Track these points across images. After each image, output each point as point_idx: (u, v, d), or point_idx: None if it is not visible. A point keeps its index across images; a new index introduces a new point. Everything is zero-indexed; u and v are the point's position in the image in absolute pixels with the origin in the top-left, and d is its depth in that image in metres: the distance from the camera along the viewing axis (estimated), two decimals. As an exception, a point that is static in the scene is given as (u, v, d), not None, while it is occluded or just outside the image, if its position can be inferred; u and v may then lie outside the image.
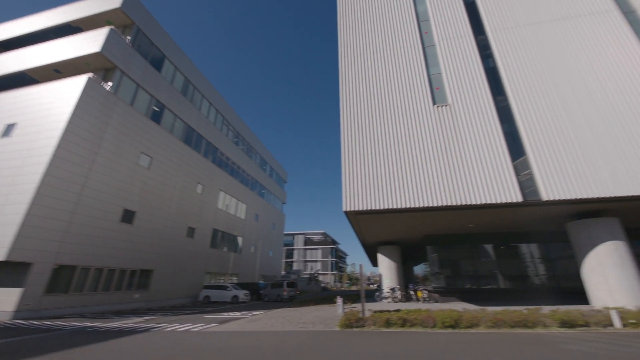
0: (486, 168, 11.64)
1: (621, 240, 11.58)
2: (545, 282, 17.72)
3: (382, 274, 20.72)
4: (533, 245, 18.52)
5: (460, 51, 14.23)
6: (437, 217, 13.91)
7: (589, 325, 8.39)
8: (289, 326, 10.19)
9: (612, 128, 11.35)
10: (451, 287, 17.97)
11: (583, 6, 13.89)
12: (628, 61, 12.33)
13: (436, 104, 13.34)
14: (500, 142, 11.96)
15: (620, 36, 12.86)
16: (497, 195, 11.20)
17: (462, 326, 8.60)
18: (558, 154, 11.39)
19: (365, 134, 13.30)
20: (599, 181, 10.69)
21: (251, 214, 36.19)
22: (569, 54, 13.04)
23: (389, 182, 12.20)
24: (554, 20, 13.87)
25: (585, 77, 12.43)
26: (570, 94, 12.26)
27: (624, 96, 11.74)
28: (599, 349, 6.22)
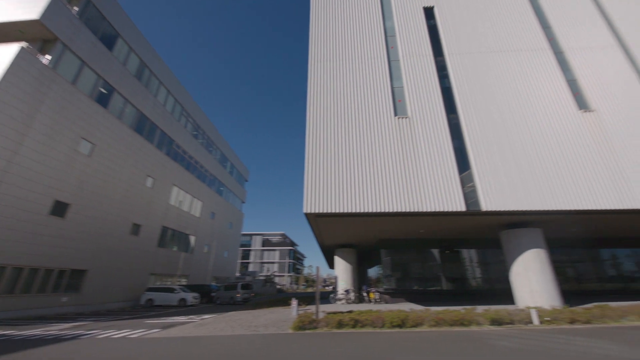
0: (438, 179, 12.61)
1: (542, 249, 13.37)
2: (481, 284, 19.70)
3: (338, 276, 21.14)
4: (472, 250, 20.49)
5: (421, 69, 15.28)
6: (392, 222, 14.65)
7: (514, 323, 9.51)
8: (240, 330, 9.85)
9: (540, 150, 13.10)
10: (401, 288, 19.02)
11: (524, 42, 15.88)
12: (555, 94, 14.38)
13: (397, 115, 14.11)
14: (451, 156, 13.07)
15: (551, 72, 14.96)
16: (446, 204, 12.19)
17: (408, 325, 9.14)
18: (496, 170, 12.79)
19: (330, 138, 13.53)
20: (528, 196, 12.24)
21: (207, 212, 34.38)
22: (510, 81, 14.78)
23: (350, 187, 12.54)
24: (501, 51, 15.63)
25: (522, 103, 14.20)
26: (509, 117, 13.89)
27: (550, 123, 13.65)
28: (519, 343, 7.07)
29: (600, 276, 19.67)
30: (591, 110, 13.92)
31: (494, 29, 16.31)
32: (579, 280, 19.42)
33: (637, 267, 19.90)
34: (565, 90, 14.41)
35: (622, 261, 20.10)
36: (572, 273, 19.67)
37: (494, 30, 16.27)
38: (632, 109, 13.87)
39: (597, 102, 14.10)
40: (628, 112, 13.82)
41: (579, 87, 14.65)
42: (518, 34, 16.13)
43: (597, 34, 16.07)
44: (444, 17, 16.81)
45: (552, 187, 12.36)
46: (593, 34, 16.09)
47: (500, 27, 16.39)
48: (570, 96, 14.24)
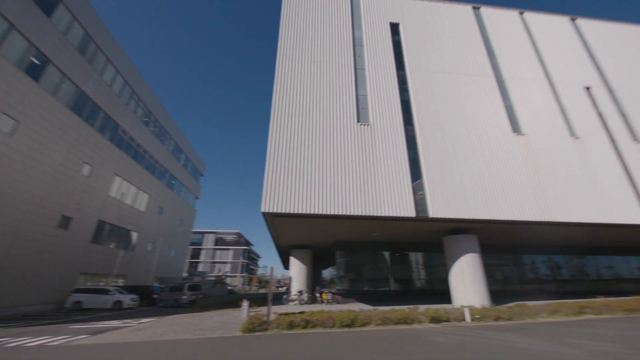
0: (393, 185, 13.34)
1: (477, 253, 14.92)
2: (425, 285, 21.29)
3: (292, 277, 21.08)
4: (419, 254, 22.05)
5: (384, 80, 16.07)
6: (349, 225, 15.09)
7: (450, 321, 10.43)
8: (183, 334, 9.23)
9: (479, 165, 14.66)
10: (352, 289, 19.64)
11: (473, 68, 17.66)
12: (495, 117, 16.23)
13: (360, 122, 14.62)
14: (405, 165, 13.94)
15: (493, 97, 16.86)
16: (399, 210, 12.95)
17: (357, 325, 9.47)
18: (443, 181, 13.98)
19: (293, 138, 13.48)
20: (468, 206, 13.60)
21: (154, 207, 31.69)
22: (459, 102, 16.31)
23: (310, 188, 12.62)
24: (453, 73, 17.17)
25: (468, 123, 15.75)
26: (456, 134, 15.30)
27: (489, 143, 15.36)
28: (453, 339, 7.79)
29: (521, 278, 22.62)
30: (523, 134, 16.01)
31: (449, 52, 17.86)
32: (505, 282, 22.08)
33: (550, 272, 23.33)
34: (503, 114, 16.36)
35: (539, 266, 23.39)
36: (499, 275, 22.28)
37: (449, 54, 17.83)
38: (554, 135, 16.29)
39: (528, 128, 16.28)
40: (550, 137, 16.20)
41: (515, 113, 16.76)
42: (469, 59, 17.89)
43: (531, 68, 18.58)
44: (407, 34, 17.93)
45: (488, 199, 13.91)
46: (528, 67, 18.56)
47: (454, 51, 18.01)
48: (507, 120, 16.21)
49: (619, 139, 16.92)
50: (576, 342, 7.00)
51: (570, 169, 15.44)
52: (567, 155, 15.81)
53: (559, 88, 18.12)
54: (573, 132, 16.68)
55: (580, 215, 14.38)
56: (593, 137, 16.71)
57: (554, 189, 14.72)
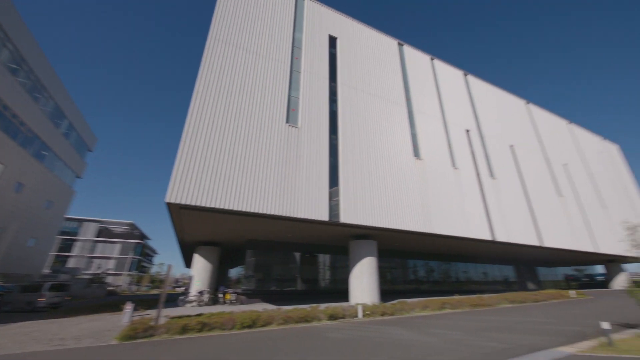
0: (312, 189, 13.86)
1: (375, 257, 16.86)
2: (329, 285, 22.76)
3: (194, 276, 19.30)
4: (327, 255, 23.48)
5: (317, 87, 16.67)
6: (264, 224, 14.85)
7: (345, 317, 11.42)
8: (34, 345, 7.26)
9: (385, 180, 16.72)
10: (259, 289, 19.34)
11: (392, 95, 20.13)
12: (403, 141, 18.85)
13: (289, 123, 14.70)
14: (326, 171, 14.71)
15: (403, 124, 19.56)
16: (315, 213, 13.52)
17: (259, 325, 9.34)
18: (355, 190, 15.37)
19: (215, 126, 12.51)
20: (372, 215, 15.29)
21: (9, 181, 24.11)
22: (378, 121, 18.31)
23: (227, 182, 11.90)
24: (376, 96, 19.19)
25: (381, 142, 17.80)
26: (372, 149, 17.09)
27: (396, 163, 17.72)
28: (345, 334, 8.55)
29: (405, 279, 26.71)
30: (421, 159, 19.09)
31: (374, 76, 19.91)
32: (392, 282, 25.65)
33: (426, 274, 28.33)
34: (409, 140, 19.17)
35: (419, 269, 28.13)
36: (389, 276, 25.75)
37: (374, 77, 19.87)
38: (441, 163, 20.00)
39: (425, 154, 19.50)
40: (439, 165, 19.81)
41: (417, 140, 19.85)
42: (389, 87, 20.34)
43: (432, 106, 22.41)
44: (343, 50, 19.13)
45: (389, 210, 15.98)
46: (431, 105, 22.33)
47: (378, 76, 20.18)
48: (411, 146, 19.05)
49: (482, 174, 22.08)
50: (436, 332, 8.67)
51: (449, 192, 19.23)
52: (448, 181, 19.65)
53: (449, 127, 22.42)
54: (454, 164, 20.86)
55: (452, 230, 18.02)
56: (466, 170, 21.29)
57: (437, 207, 18.05)
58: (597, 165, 34.30)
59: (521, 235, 21.55)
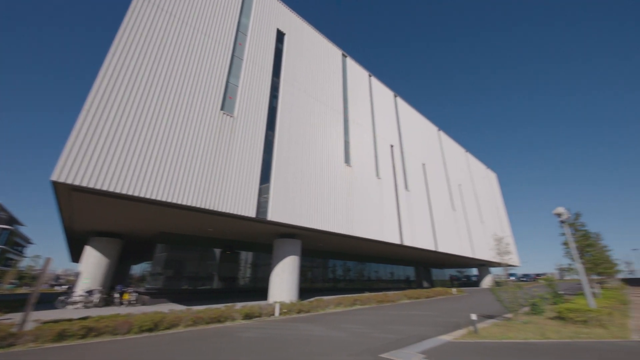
0: (241, 183, 13.25)
1: (298, 256, 17.15)
2: (250, 283, 22.09)
3: (82, 272, 16.11)
4: (250, 253, 22.79)
5: (259, 79, 16.09)
6: (184, 216, 13.46)
7: (262, 316, 11.25)
8: None
9: (315, 181, 17.27)
10: (167, 288, 17.42)
11: (331, 101, 20.95)
12: (337, 148, 19.78)
13: (224, 110, 13.74)
14: (258, 166, 14.29)
15: (339, 130, 20.55)
16: (242, 208, 12.94)
17: (162, 328, 8.39)
18: (286, 189, 15.40)
19: (133, 99, 10.78)
20: (300, 215, 15.57)
21: None
22: (315, 123, 18.78)
23: (143, 165, 10.37)
24: (316, 99, 19.68)
25: (316, 142, 18.34)
26: (306, 150, 17.42)
27: (327, 165, 18.48)
28: (260, 333, 8.43)
29: (324, 278, 28.00)
30: (350, 166, 20.38)
31: (317, 80, 20.40)
32: (312, 281, 26.58)
33: (343, 273, 30.27)
34: (342, 146, 20.26)
35: (337, 268, 29.88)
36: (310, 275, 26.61)
37: (317, 81, 20.36)
38: (367, 172, 21.75)
39: (354, 162, 20.90)
40: (365, 174, 21.50)
41: (349, 148, 21.15)
42: (330, 92, 21.14)
43: (366, 118, 24.23)
44: (290, 47, 18.99)
45: (316, 211, 16.53)
46: (364, 117, 24.10)
47: (321, 80, 20.77)
48: (343, 152, 20.16)
49: (399, 186, 24.92)
50: (346, 327, 9.33)
51: (371, 199, 21.06)
52: (371, 189, 21.50)
53: (377, 140, 24.61)
54: (378, 174, 22.97)
55: (371, 234, 19.75)
56: (387, 180, 23.69)
57: (360, 212, 19.53)
58: (480, 188, 42.74)
59: (423, 241, 25.13)
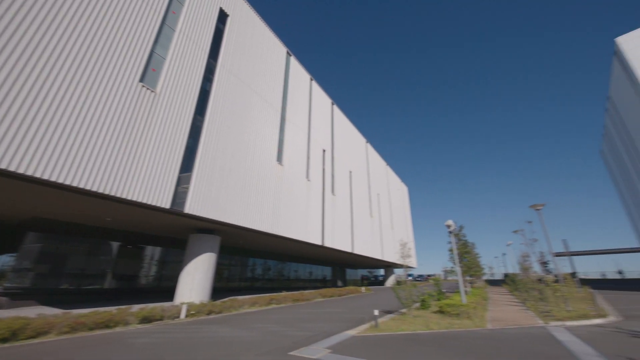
0: (157, 168, 11.67)
1: (215, 253, 16.05)
2: (154, 282, 19.55)
3: None
4: (158, 248, 20.26)
5: (192, 56, 14.56)
6: (70, 200, 11.00)
7: (164, 319, 10.09)
8: None
9: (245, 177, 16.61)
10: (38, 287, 13.96)
11: (270, 97, 20.50)
12: (270, 145, 19.44)
13: (144, 82, 11.92)
14: (180, 152, 12.86)
15: (274, 127, 20.25)
16: (155, 197, 11.38)
17: (23, 337, 6.67)
18: (211, 182, 14.32)
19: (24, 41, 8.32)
20: (224, 210, 14.68)
21: None
22: (251, 117, 18.07)
23: (26, 134, 8.07)
24: (255, 93, 18.97)
25: (250, 137, 17.66)
26: (239, 143, 16.59)
27: (259, 161, 18.00)
28: (158, 338, 7.54)
29: (242, 277, 26.98)
30: (282, 165, 20.31)
31: (258, 73, 19.71)
32: (229, 280, 25.30)
33: (262, 272, 29.77)
34: (275, 144, 20.03)
35: (257, 267, 29.23)
36: (226, 274, 25.25)
37: (258, 74, 19.68)
38: (298, 173, 22.04)
39: (286, 161, 20.91)
40: (295, 174, 21.73)
41: (283, 146, 21.06)
42: (269, 88, 20.68)
43: (302, 120, 24.60)
44: (232, 31, 17.82)
45: (242, 207, 15.86)
46: (301, 119, 24.43)
47: (262, 74, 20.15)
48: (276, 150, 19.95)
49: (327, 189, 26.06)
50: (259, 326, 9.18)
51: (299, 200, 21.41)
52: (300, 190, 21.87)
53: (311, 142, 25.25)
54: (308, 176, 23.54)
55: (295, 234, 20.00)
56: (316, 183, 24.50)
57: (287, 211, 19.60)
58: (395, 199, 48.34)
59: (342, 243, 26.86)
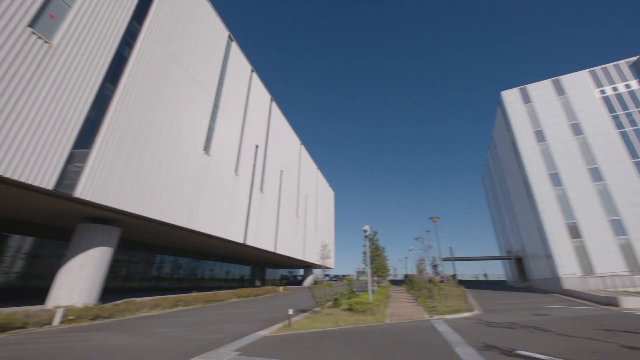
0: (39, 133, 9.32)
1: (111, 247, 13.65)
2: (15, 280, 15.39)
3: None
4: (30, 238, 16.15)
5: (109, 11, 12.22)
6: None
7: (29, 326, 8.06)
8: None
9: (162, 163, 14.75)
10: None
11: (203, 79, 18.80)
12: (198, 129, 17.78)
13: (34, 28, 9.41)
14: (77, 121, 10.59)
15: (205, 113, 18.62)
16: (33, 175, 9.02)
17: None
18: (117, 162, 12.22)
19: None
20: (131, 197, 12.68)
21: None
22: (178, 98, 16.20)
23: None
24: (186, 71, 17.11)
25: (175, 118, 15.81)
26: (160, 123, 14.63)
27: (182, 147, 16.25)
28: (16, 350, 5.97)
29: (144, 276, 23.68)
30: (209, 155, 18.81)
31: (191, 51, 17.87)
32: (127, 279, 21.88)
33: (172, 270, 26.78)
34: (204, 131, 18.46)
35: (166, 265, 26.17)
36: (124, 272, 21.80)
37: (191, 52, 17.84)
38: (226, 166, 20.76)
39: (215, 152, 19.47)
40: (224, 167, 20.42)
41: (213, 135, 19.56)
42: (204, 70, 18.99)
43: (238, 111, 23.38)
44: (164, -4, 15.71)
45: (154, 196, 14.00)
46: (237, 110, 23.18)
47: (196, 54, 18.36)
48: (204, 137, 18.38)
49: (255, 186, 25.30)
50: (158, 331, 8.20)
51: (224, 195, 20.16)
52: (226, 185, 20.63)
53: (244, 136, 24.20)
54: (237, 170, 22.43)
55: (216, 230, 18.66)
56: (244, 179, 23.53)
57: (208, 205, 18.17)
58: (322, 202, 50.32)
59: (265, 242, 26.41)
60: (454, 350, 6.12)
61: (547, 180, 23.97)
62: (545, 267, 24.67)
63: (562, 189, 23.19)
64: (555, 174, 23.88)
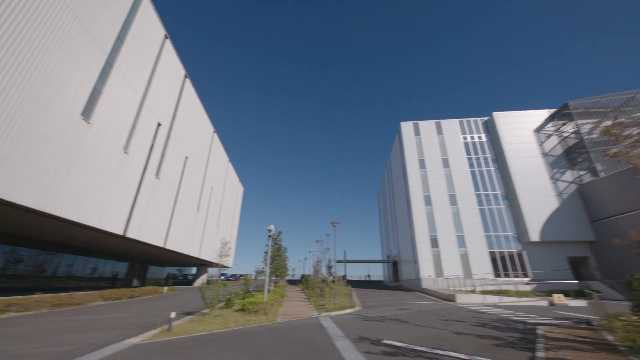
0: None
1: None
2: None
3: None
4: None
5: None
6: None
7: None
8: None
9: (19, 119, 10.97)
10: None
11: (96, 26, 15.05)
12: (77, 87, 14.06)
13: None
14: None
15: (92, 69, 14.90)
16: None
17: None
18: None
19: None
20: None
21: None
22: (52, 40, 12.43)
23: None
24: (73, 13, 13.35)
25: (43, 66, 12.02)
26: (19, 68, 10.83)
27: (54, 101, 12.49)
28: None
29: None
30: (89, 122, 15.09)
31: (84, -12, 14.13)
32: None
33: (4, 265, 19.90)
34: (86, 93, 14.74)
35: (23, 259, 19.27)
36: None
37: (83, -10, 14.11)
38: (112, 139, 17.09)
39: (98, 120, 15.76)
40: (108, 139, 16.71)
41: (98, 100, 15.80)
42: (100, 16, 15.27)
43: (141, 79, 19.70)
44: None
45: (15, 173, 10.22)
46: (139, 77, 19.50)
47: None
48: (85, 100, 14.66)
49: (149, 170, 21.73)
50: (-35, 348, 5.95)
51: (104, 175, 16.44)
52: (109, 163, 16.93)
53: (143, 109, 20.54)
54: (127, 148, 18.75)
55: (83, 217, 14.90)
56: (136, 159, 19.90)
57: (77, 186, 14.46)
58: (228, 197, 47.52)
59: (152, 235, 22.87)
60: (334, 344, 6.76)
61: (421, 200, 29.90)
62: (412, 270, 30.39)
63: (431, 208, 29.38)
64: (428, 196, 30.07)
